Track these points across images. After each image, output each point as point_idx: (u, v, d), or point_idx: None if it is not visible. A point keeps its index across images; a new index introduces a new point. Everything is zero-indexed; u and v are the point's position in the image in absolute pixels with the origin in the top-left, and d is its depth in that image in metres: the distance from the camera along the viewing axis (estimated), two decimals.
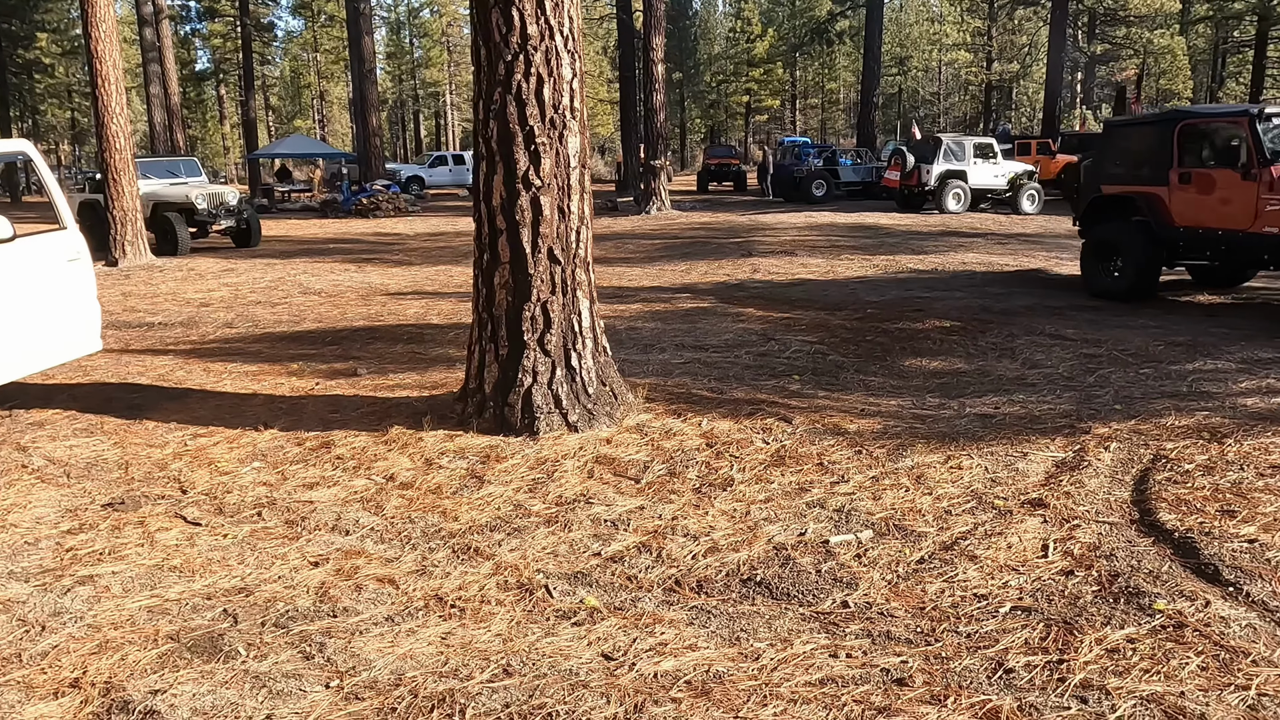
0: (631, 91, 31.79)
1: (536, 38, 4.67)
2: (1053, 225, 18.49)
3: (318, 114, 68.71)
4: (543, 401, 4.91)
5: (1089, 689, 2.55)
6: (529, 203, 4.79)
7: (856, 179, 27.24)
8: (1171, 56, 46.72)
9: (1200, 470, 4.28)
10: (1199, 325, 7.91)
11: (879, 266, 12.50)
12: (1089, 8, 39.97)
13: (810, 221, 19.63)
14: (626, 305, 9.44)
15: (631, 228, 19.47)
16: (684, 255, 14.26)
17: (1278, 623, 2.89)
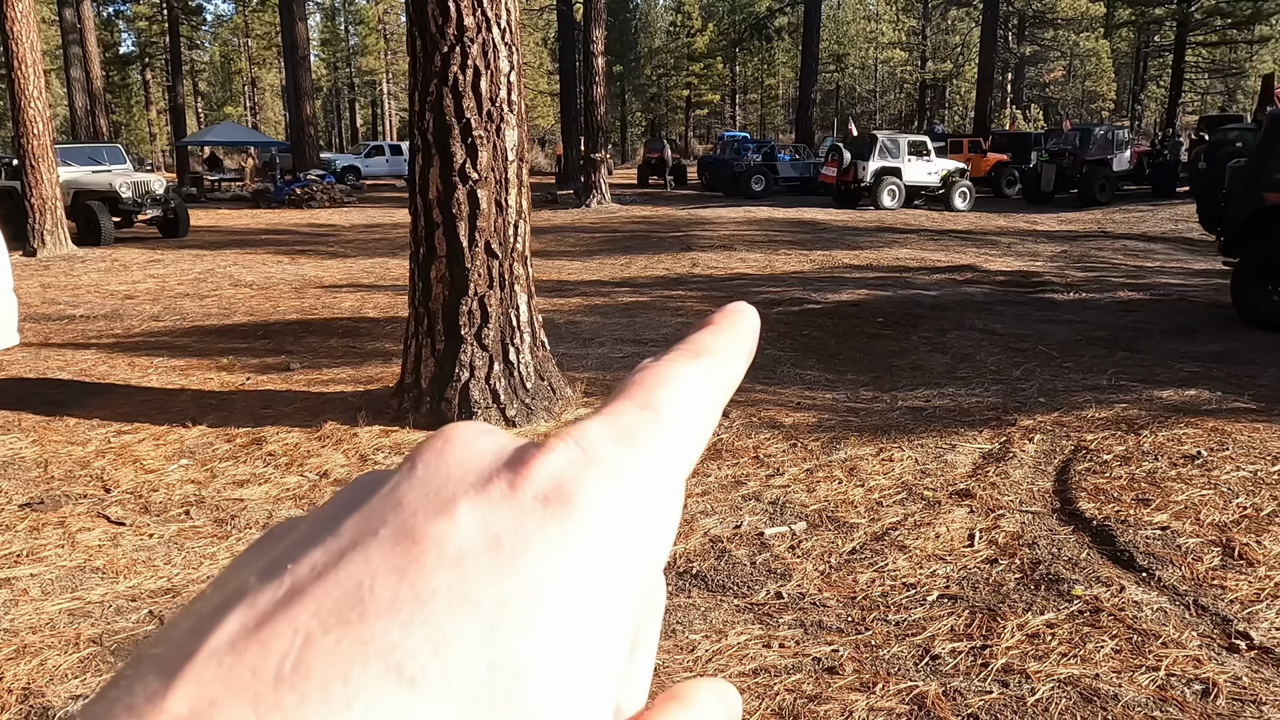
0: (572, 84, 31.66)
1: (473, 29, 4.63)
2: (983, 222, 18.98)
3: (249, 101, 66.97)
4: (480, 396, 4.89)
5: (1010, 673, 2.65)
6: (466, 196, 4.75)
7: (795, 174, 27.55)
8: (1096, 59, 48.28)
9: (1118, 461, 4.45)
10: (1119, 320, 8.21)
11: (816, 262, 12.69)
12: (1019, 10, 41.03)
13: (749, 216, 19.82)
14: (566, 299, 9.43)
15: (572, 221, 19.42)
16: (624, 249, 14.27)
17: (1186, 606, 3.03)
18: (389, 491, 0.21)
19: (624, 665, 0.20)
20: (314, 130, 31.21)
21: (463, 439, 0.22)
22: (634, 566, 0.20)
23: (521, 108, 4.95)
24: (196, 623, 0.19)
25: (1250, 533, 3.60)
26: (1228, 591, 3.13)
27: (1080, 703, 2.50)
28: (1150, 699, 2.51)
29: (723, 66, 60.68)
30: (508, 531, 0.19)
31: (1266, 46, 44.42)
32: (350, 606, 0.18)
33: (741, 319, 0.27)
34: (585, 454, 0.21)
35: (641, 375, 0.24)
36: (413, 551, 0.19)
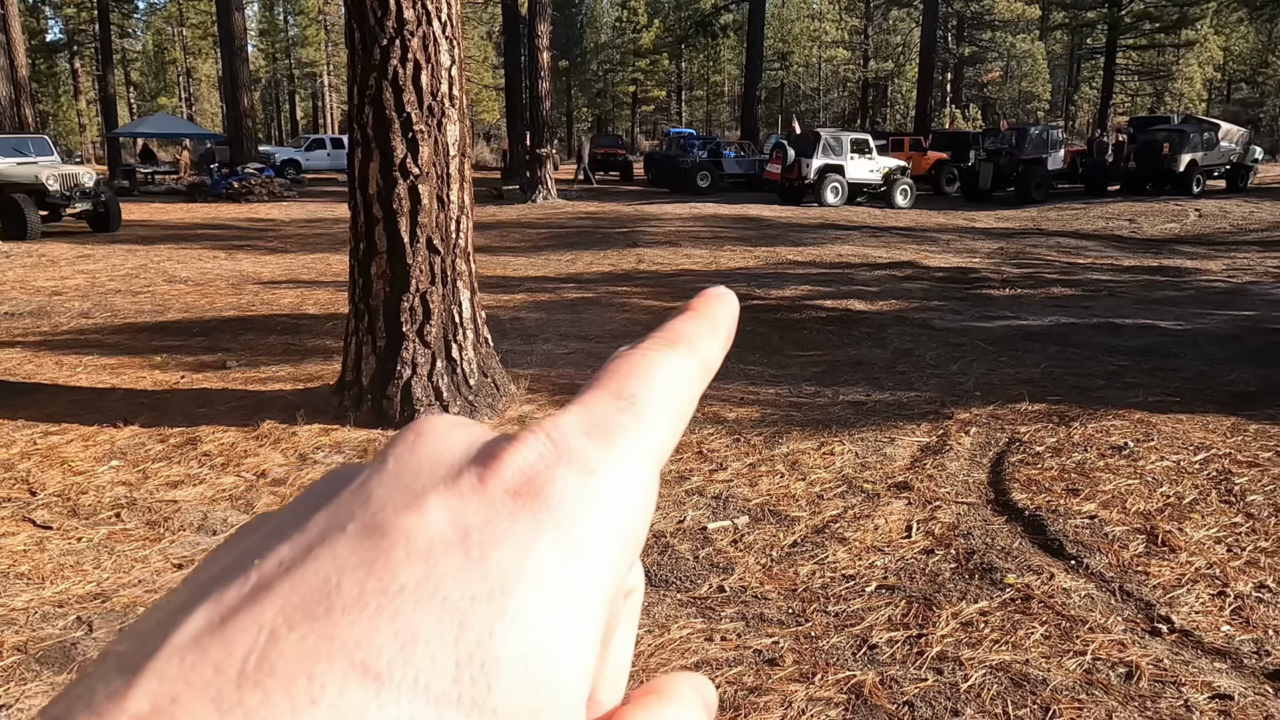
0: (517, 79, 31.42)
1: (413, 23, 4.57)
2: (923, 219, 19.33)
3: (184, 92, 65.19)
4: (422, 394, 4.84)
5: (944, 660, 2.71)
6: (407, 191, 4.70)
7: (740, 171, 27.74)
8: (1032, 60, 49.46)
9: (1049, 452, 4.58)
10: (1051, 315, 8.43)
11: (760, 258, 12.80)
12: (958, 11, 41.83)
13: (695, 213, 19.90)
14: (511, 295, 9.37)
15: (517, 216, 19.30)
16: (570, 245, 14.24)
17: (1112, 592, 3.14)
18: (359, 485, 0.21)
19: (597, 660, 0.20)
20: (252, 122, 30.51)
21: (435, 432, 0.22)
22: (606, 560, 0.20)
23: (463, 102, 4.91)
24: (161, 619, 0.18)
25: (1173, 520, 3.74)
26: (1151, 577, 3.24)
27: (1011, 688, 2.57)
28: (1077, 682, 2.59)
29: (669, 63, 60.80)
30: (477, 526, 0.19)
31: (1192, 50, 45.95)
32: (316, 602, 0.18)
33: (720, 304, 0.27)
34: (556, 447, 0.21)
35: (616, 364, 0.24)
36: (380, 546, 0.19)
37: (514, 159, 30.48)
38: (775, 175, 22.89)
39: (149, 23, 63.80)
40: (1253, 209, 20.38)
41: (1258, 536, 3.58)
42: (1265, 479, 4.19)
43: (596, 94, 63.74)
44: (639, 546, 0.22)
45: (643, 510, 0.22)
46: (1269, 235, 16.88)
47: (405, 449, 0.22)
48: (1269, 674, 2.64)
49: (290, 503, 0.22)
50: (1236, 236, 16.85)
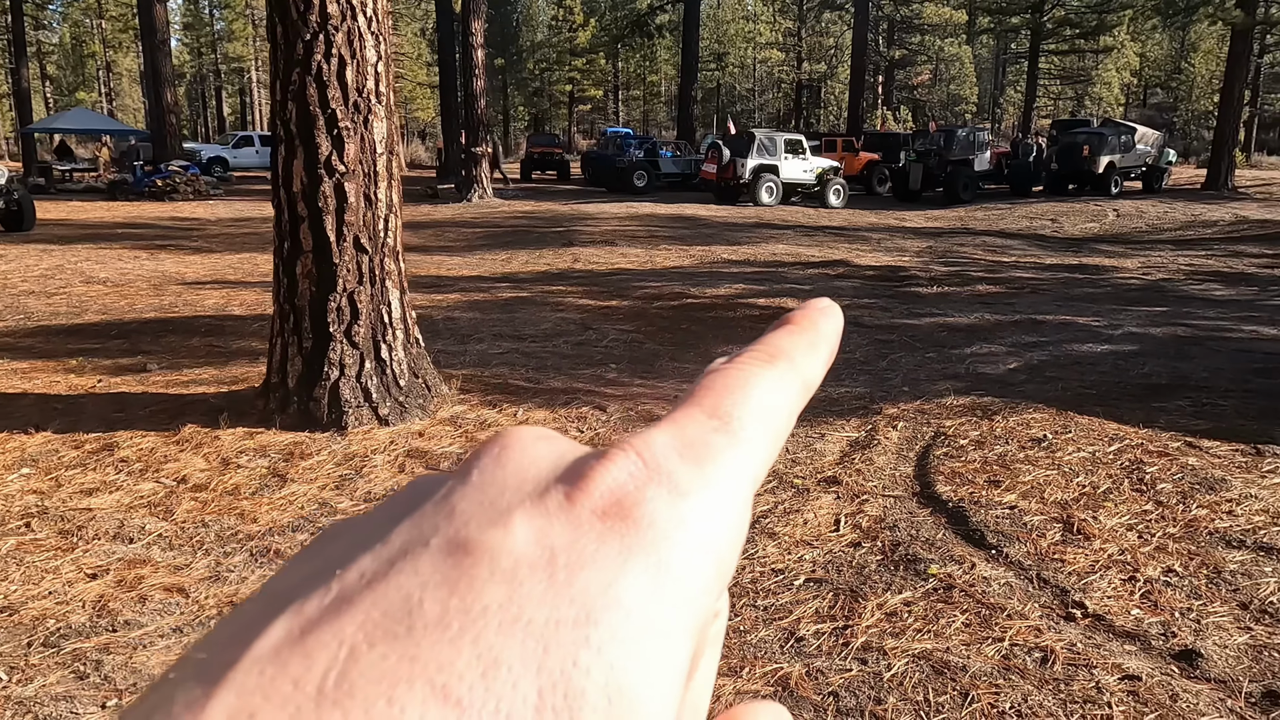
0: (452, 76, 31.09)
1: (337, 17, 4.49)
2: (856, 219, 19.67)
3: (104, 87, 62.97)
4: (351, 395, 4.76)
5: (869, 651, 2.76)
6: (332, 189, 4.61)
7: (676, 170, 27.86)
8: (960, 64, 50.71)
9: (972, 445, 4.71)
10: (976, 312, 8.66)
11: (695, 257, 12.88)
12: (888, 15, 42.65)
13: (631, 212, 19.94)
14: (444, 295, 9.27)
15: (452, 215, 19.09)
16: (505, 244, 14.14)
17: (1030, 580, 3.23)
18: (442, 497, 0.20)
19: (682, 692, 0.19)
20: (176, 119, 29.60)
21: (521, 445, 0.21)
22: (696, 587, 0.19)
23: (391, 99, 4.84)
24: (241, 628, 0.18)
25: (1088, 509, 3.87)
26: (1066, 564, 3.35)
27: (932, 675, 2.63)
28: (995, 668, 2.67)
29: (605, 62, 60.76)
30: (563, 547, 0.18)
31: (1110, 56, 47.62)
32: (398, 620, 0.17)
33: (824, 319, 0.26)
34: (647, 466, 0.20)
35: (711, 379, 0.23)
36: (464, 564, 0.18)
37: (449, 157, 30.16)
38: (711, 175, 23.06)
39: (66, 14, 61.44)
40: (1167, 209, 21.20)
41: (1166, 523, 3.73)
42: (1174, 467, 4.36)
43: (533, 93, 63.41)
44: (730, 573, 0.21)
45: (735, 536, 0.21)
46: (1181, 235, 17.59)
47: (490, 461, 0.21)
48: (1175, 655, 2.75)
49: (371, 511, 0.21)
50: (1151, 236, 17.52)
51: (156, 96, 28.78)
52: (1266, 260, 13.66)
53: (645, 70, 64.55)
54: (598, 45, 57.57)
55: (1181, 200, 23.21)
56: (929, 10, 43.36)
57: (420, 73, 48.93)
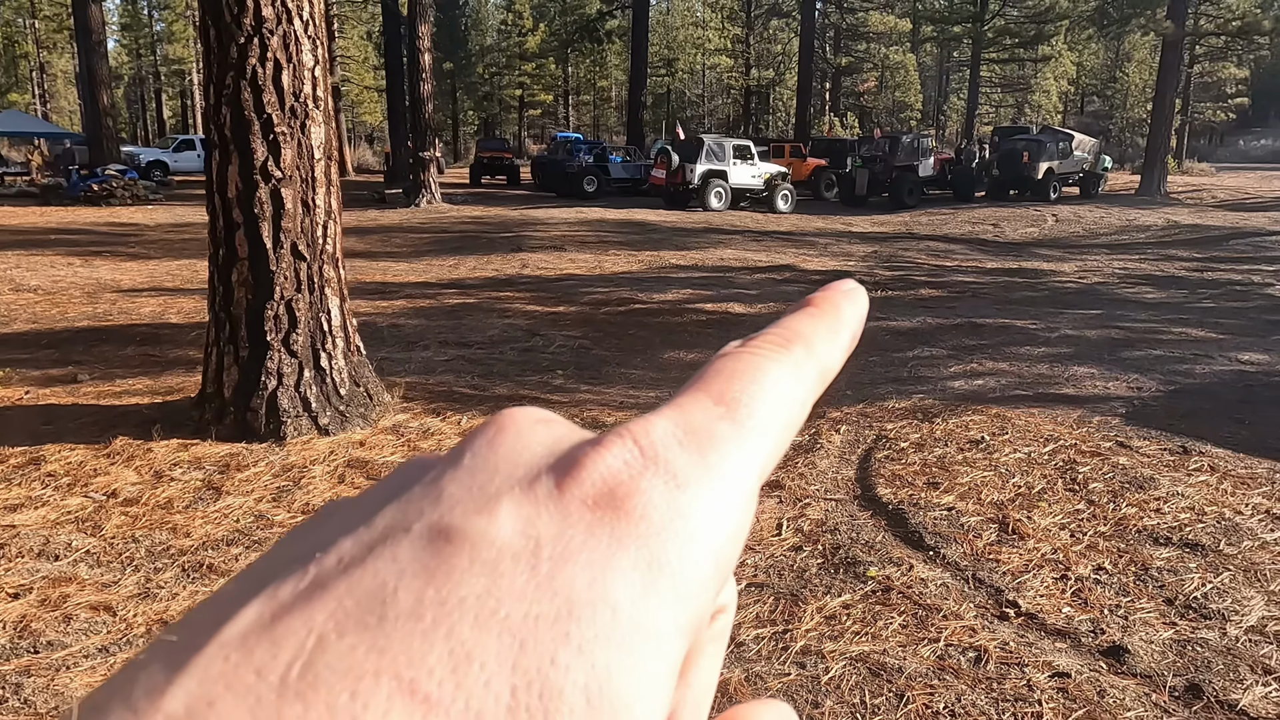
0: (399, 80, 30.76)
1: (273, 21, 4.41)
2: (803, 224, 19.89)
3: (38, 88, 61.11)
4: (289, 405, 4.67)
5: (808, 654, 2.79)
6: (269, 195, 4.53)
7: (626, 175, 27.91)
8: (905, 71, 51.58)
9: (913, 448, 4.78)
10: (919, 315, 8.80)
11: (644, 262, 12.90)
12: (834, 23, 43.24)
13: (581, 217, 19.91)
14: (390, 301, 9.16)
15: (399, 221, 18.88)
16: (453, 250, 14.02)
17: (966, 580, 3.29)
18: (431, 480, 0.19)
19: (673, 691, 0.18)
20: (113, 122, 28.86)
21: (517, 428, 0.20)
22: (692, 583, 0.18)
23: (329, 103, 4.77)
24: (216, 611, 0.17)
25: (1023, 509, 3.95)
26: (1001, 564, 3.41)
27: (869, 677, 2.66)
28: (931, 669, 2.71)
29: (555, 67, 60.66)
30: (550, 538, 0.18)
31: (1049, 65, 48.84)
32: (370, 609, 0.16)
33: (846, 302, 0.24)
34: (644, 454, 0.19)
35: (721, 363, 0.22)
36: (444, 552, 0.17)
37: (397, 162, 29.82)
38: (661, 180, 23.12)
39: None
40: (1103, 214, 21.79)
41: (1097, 521, 3.82)
42: (1105, 467, 4.47)
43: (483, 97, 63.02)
44: (730, 569, 0.20)
45: (737, 530, 0.20)
46: (1116, 239, 18.09)
47: (484, 444, 0.20)
48: (1103, 651, 2.82)
49: (366, 491, 0.20)
50: (1088, 240, 17.98)
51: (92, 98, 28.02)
52: (1196, 264, 14.11)
53: (595, 75, 64.58)
54: (547, 50, 57.46)
55: (1117, 206, 23.88)
56: (874, 19, 44.05)
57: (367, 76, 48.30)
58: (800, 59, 36.69)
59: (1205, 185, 32.40)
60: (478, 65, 61.00)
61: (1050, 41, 43.48)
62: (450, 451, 0.20)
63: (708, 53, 54.25)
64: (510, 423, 0.21)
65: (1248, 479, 4.35)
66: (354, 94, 45.28)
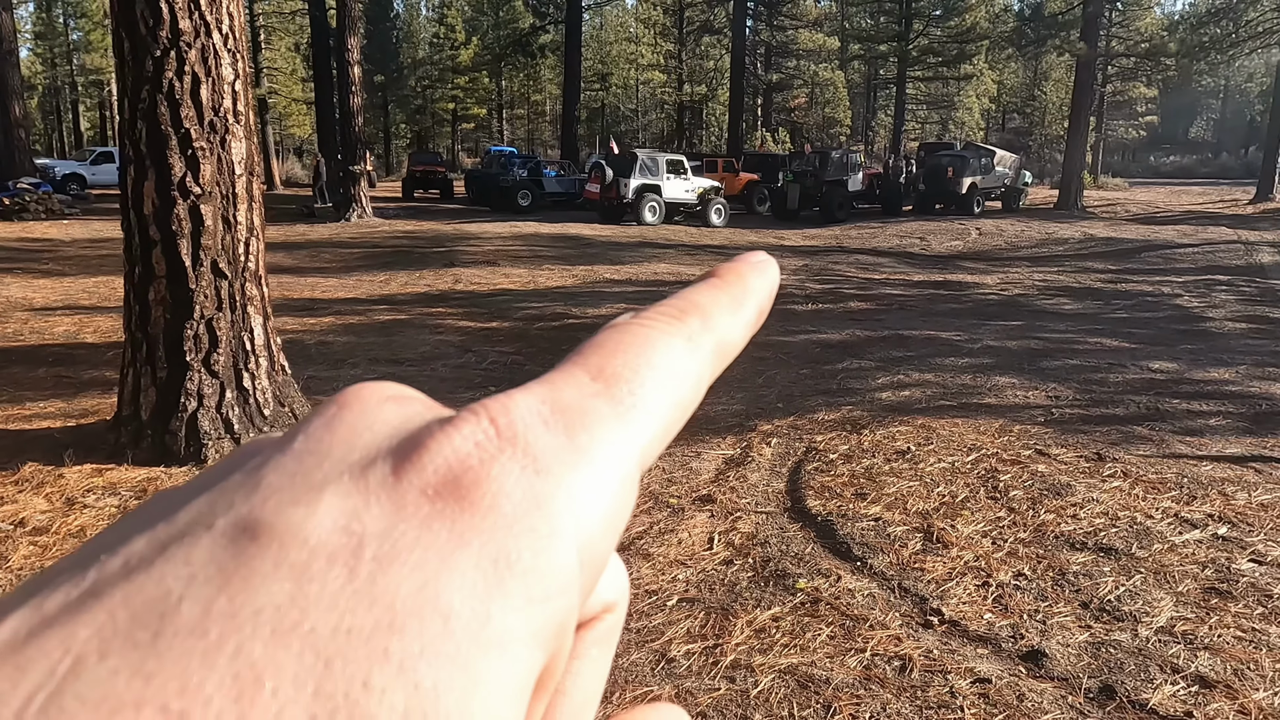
0: (328, 92, 30.32)
1: (190, 34, 4.31)
2: (736, 238, 20.12)
3: None
4: (211, 427, 4.54)
5: (738, 668, 2.80)
6: (187, 212, 4.41)
7: (561, 190, 27.91)
8: (834, 88, 52.68)
9: (842, 459, 4.86)
10: (848, 328, 8.97)
11: (579, 276, 12.90)
12: (765, 41, 43.98)
13: (515, 231, 19.83)
14: (318, 318, 8.98)
15: (329, 236, 18.55)
16: (384, 265, 13.82)
17: (892, 590, 3.35)
18: (254, 467, 0.16)
19: (522, 713, 0.15)
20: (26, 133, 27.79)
21: (362, 406, 0.18)
22: (549, 584, 0.16)
23: (250, 118, 4.67)
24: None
25: (947, 518, 4.04)
26: (926, 573, 3.49)
27: (797, 689, 2.69)
28: (857, 679, 2.75)
29: (489, 81, 60.40)
30: (376, 534, 0.15)
31: (971, 83, 50.41)
32: (145, 623, 0.14)
33: (754, 274, 0.22)
34: (500, 435, 0.17)
35: (604, 335, 0.20)
36: (247, 552, 0.15)
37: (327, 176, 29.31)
38: (595, 195, 23.18)
39: None
40: (1024, 228, 22.52)
41: (1017, 528, 3.93)
42: (1025, 475, 4.61)
43: (415, 110, 62.40)
44: (603, 564, 0.17)
45: (610, 521, 0.17)
46: (1036, 252, 18.71)
47: (320, 425, 0.17)
48: (1022, 656, 2.90)
49: (194, 478, 0.17)
50: (1010, 253, 18.56)
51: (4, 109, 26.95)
52: (1111, 276, 14.67)
53: (529, 89, 64.54)
54: (480, 64, 57.22)
55: (1037, 219, 24.70)
56: (803, 36, 44.93)
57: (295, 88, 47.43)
58: (732, 75, 37.21)
59: (1119, 200, 33.74)
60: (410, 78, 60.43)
61: (972, 60, 44.92)
62: (285, 433, 0.18)
63: (641, 68, 54.67)
64: (355, 400, 0.18)
65: (1158, 484, 4.52)
66: (281, 106, 44.42)
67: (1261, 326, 9.99)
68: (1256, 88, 53.69)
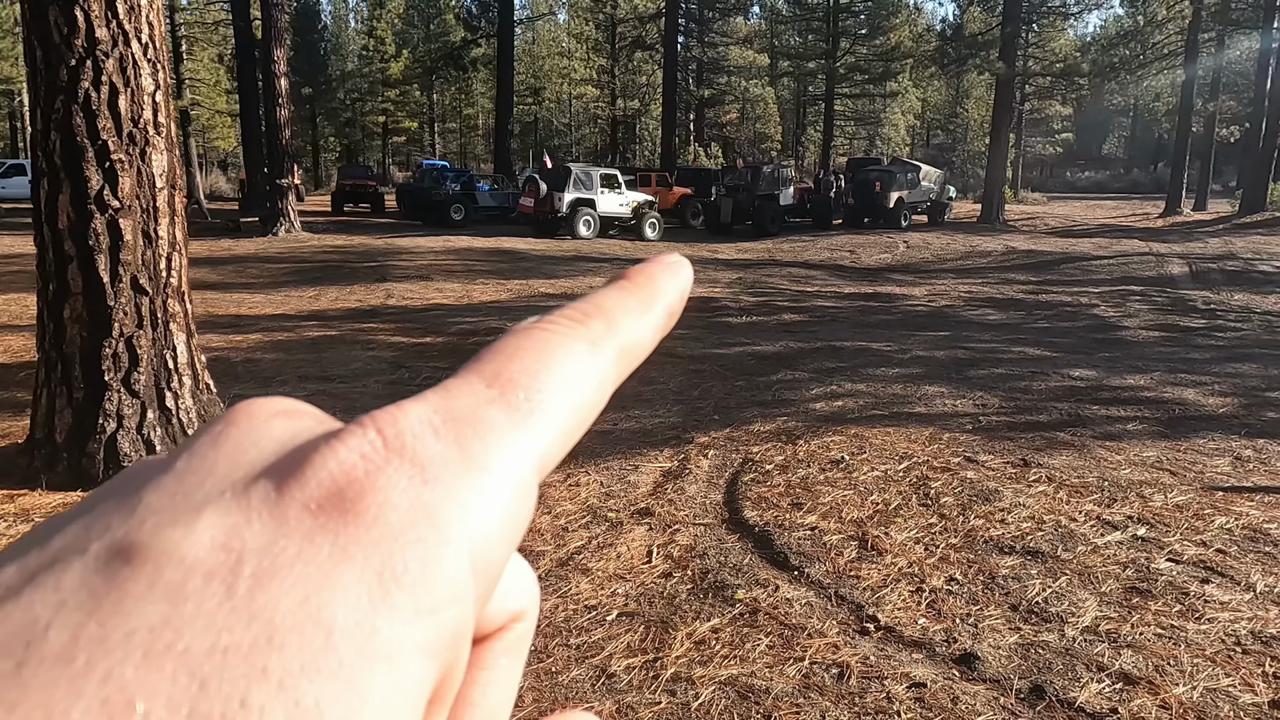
0: (254, 105, 29.68)
1: (108, 43, 4.18)
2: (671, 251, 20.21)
3: None
4: (131, 449, 4.38)
5: (678, 681, 2.80)
6: (105, 226, 4.26)
7: (494, 204, 27.76)
8: (765, 104, 53.54)
9: (777, 470, 4.90)
10: (781, 340, 9.08)
11: (513, 291, 12.83)
12: (696, 57, 44.49)
13: (448, 246, 19.64)
14: (245, 335, 8.75)
15: (256, 250, 18.11)
16: (313, 280, 13.55)
17: (829, 598, 3.39)
18: (135, 488, 0.16)
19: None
20: None
21: (250, 421, 0.17)
22: (438, 596, 0.15)
23: (171, 129, 4.54)
24: None
25: (880, 525, 4.11)
26: (861, 580, 3.54)
27: (737, 700, 2.70)
28: (796, 688, 2.77)
29: (420, 94, 59.81)
30: (256, 550, 0.15)
31: (896, 100, 51.74)
32: (9, 653, 0.13)
33: (666, 275, 0.22)
34: (388, 446, 0.16)
35: (504, 341, 0.19)
36: (120, 575, 0.14)
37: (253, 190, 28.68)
38: (529, 209, 23.12)
39: None
40: (949, 241, 23.14)
41: (949, 534, 4.02)
42: (955, 481, 4.72)
43: (345, 123, 61.41)
44: (499, 573, 0.17)
45: (505, 529, 0.17)
46: (961, 264, 19.24)
47: (206, 442, 0.17)
48: (955, 659, 2.95)
49: (79, 502, 0.17)
50: (936, 266, 19.05)
51: None
52: (1032, 287, 15.16)
53: (461, 103, 64.12)
54: (411, 77, 56.67)
55: (961, 233, 25.41)
56: (734, 53, 45.59)
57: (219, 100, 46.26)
58: (664, 90, 37.52)
59: (1039, 213, 34.93)
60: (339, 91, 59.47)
61: (897, 78, 46.13)
62: (170, 452, 0.17)
63: (574, 83, 54.77)
64: (243, 416, 0.18)
65: (1080, 488, 4.67)
66: (205, 118, 43.32)
67: (1173, 334, 10.43)
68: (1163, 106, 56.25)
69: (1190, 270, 17.40)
